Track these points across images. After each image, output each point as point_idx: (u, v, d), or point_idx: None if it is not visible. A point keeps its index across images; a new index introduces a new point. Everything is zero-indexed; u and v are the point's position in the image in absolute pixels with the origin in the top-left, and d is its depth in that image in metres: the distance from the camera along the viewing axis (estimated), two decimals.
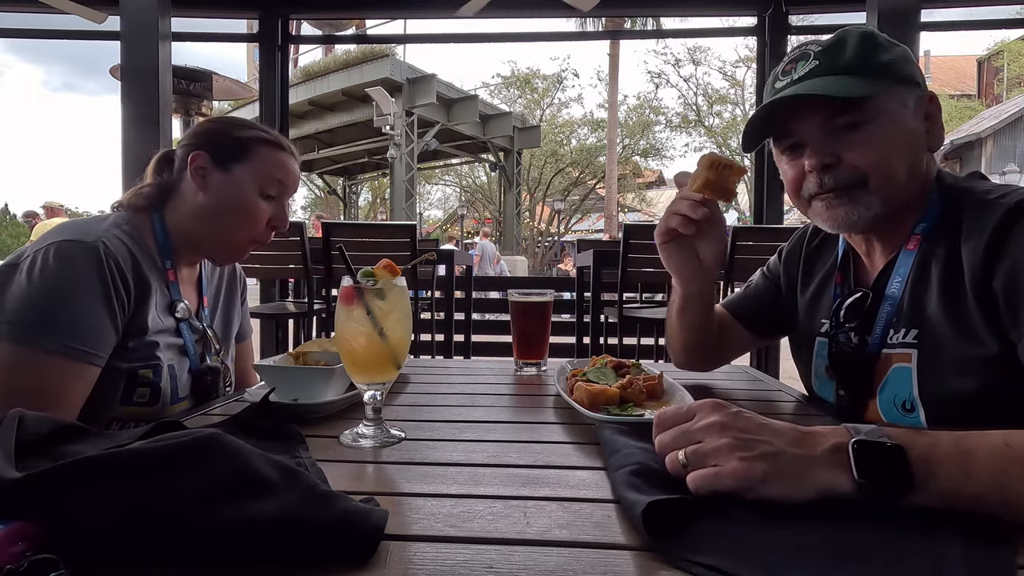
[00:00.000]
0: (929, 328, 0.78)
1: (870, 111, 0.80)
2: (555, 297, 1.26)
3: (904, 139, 0.82)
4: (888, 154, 0.81)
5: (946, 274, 0.77)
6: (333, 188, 22.19)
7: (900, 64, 0.82)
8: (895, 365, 0.81)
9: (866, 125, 0.80)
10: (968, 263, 0.74)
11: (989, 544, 0.44)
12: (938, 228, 0.81)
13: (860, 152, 0.81)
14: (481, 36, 5.09)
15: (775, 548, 0.44)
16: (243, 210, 1.06)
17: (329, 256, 2.78)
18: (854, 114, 0.80)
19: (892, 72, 0.81)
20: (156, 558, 0.41)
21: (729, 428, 0.54)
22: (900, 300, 0.82)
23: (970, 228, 0.75)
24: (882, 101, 0.80)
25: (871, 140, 0.80)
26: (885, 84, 0.80)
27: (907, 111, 0.82)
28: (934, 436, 0.53)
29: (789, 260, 1.08)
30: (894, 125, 0.81)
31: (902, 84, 0.82)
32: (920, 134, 0.83)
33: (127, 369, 0.96)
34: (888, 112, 0.80)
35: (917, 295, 0.80)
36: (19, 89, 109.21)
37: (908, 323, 0.80)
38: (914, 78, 0.83)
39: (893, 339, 0.82)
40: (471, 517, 0.51)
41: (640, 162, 25.15)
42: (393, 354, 0.73)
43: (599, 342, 3.14)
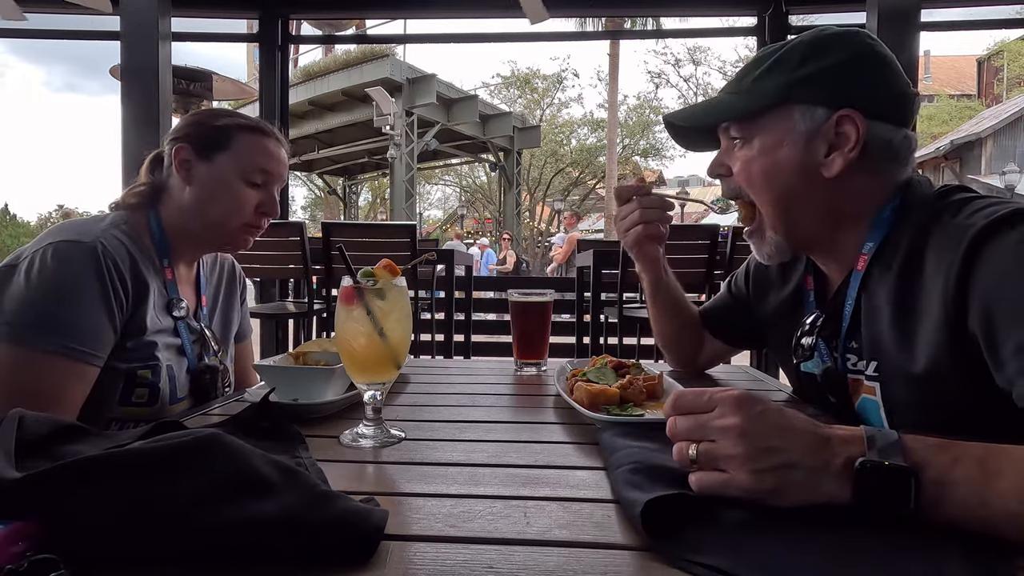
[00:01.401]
0: (888, 359, 0.74)
1: (750, 132, 0.81)
2: (555, 297, 1.26)
3: (778, 163, 0.78)
4: (759, 179, 0.81)
5: (903, 303, 0.71)
6: (333, 188, 22.18)
7: (811, 81, 0.76)
8: (862, 395, 0.79)
9: (746, 144, 0.82)
10: (937, 300, 0.67)
11: (989, 544, 0.44)
12: (889, 248, 0.75)
13: (737, 171, 0.83)
14: (481, 36, 5.09)
15: (775, 548, 0.44)
16: (228, 197, 1.05)
17: (329, 256, 2.78)
18: (738, 131, 0.82)
19: (789, 92, 0.76)
20: (156, 558, 0.41)
21: (747, 435, 0.50)
22: (855, 324, 0.79)
23: (936, 261, 0.68)
24: (763, 124, 0.79)
25: (745, 160, 0.82)
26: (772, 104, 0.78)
27: (794, 136, 0.77)
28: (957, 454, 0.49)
29: (758, 270, 1.05)
30: (770, 149, 0.79)
31: (799, 104, 0.76)
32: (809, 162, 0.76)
33: (126, 369, 0.96)
34: (766, 135, 0.79)
35: (872, 323, 0.76)
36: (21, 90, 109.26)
37: (869, 354, 0.77)
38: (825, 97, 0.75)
39: (856, 366, 0.80)
40: (471, 517, 0.51)
41: (640, 162, 25.15)
42: (393, 354, 0.73)
43: (599, 342, 3.14)
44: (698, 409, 0.54)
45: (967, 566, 0.41)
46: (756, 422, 0.51)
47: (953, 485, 0.47)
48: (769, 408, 0.52)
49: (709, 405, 0.53)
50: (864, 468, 0.47)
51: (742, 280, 1.10)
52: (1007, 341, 0.60)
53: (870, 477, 0.47)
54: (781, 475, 0.49)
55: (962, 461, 0.48)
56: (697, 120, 0.88)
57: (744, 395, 0.52)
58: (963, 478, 0.47)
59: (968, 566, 0.41)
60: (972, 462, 0.48)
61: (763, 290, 1.03)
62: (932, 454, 0.49)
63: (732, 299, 1.12)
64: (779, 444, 0.50)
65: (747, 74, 0.82)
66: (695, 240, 2.88)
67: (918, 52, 3.30)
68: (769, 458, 0.49)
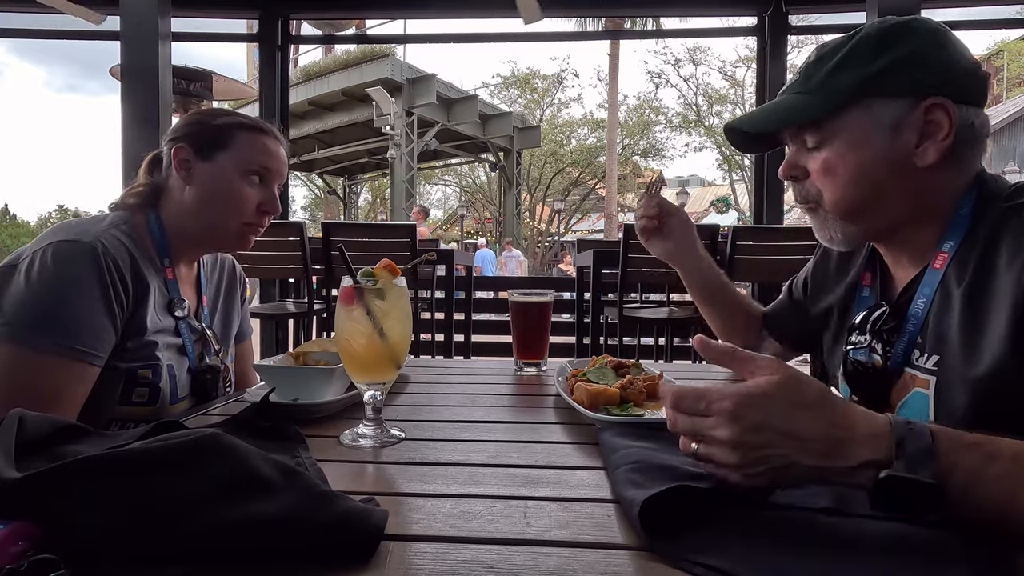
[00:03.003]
0: (949, 356, 0.74)
1: (828, 132, 0.78)
2: (555, 297, 1.26)
3: (869, 162, 0.76)
4: (845, 179, 0.78)
5: (972, 300, 0.72)
6: (333, 188, 22.18)
7: (891, 70, 0.74)
8: (915, 389, 0.78)
9: (826, 146, 0.79)
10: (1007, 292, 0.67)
11: (989, 544, 0.44)
12: (968, 247, 0.74)
13: (818, 173, 0.80)
14: (481, 36, 5.09)
15: (775, 548, 0.44)
16: (228, 196, 1.05)
17: (329, 256, 2.78)
18: (814, 135, 0.79)
19: (869, 85, 0.75)
20: (156, 558, 0.41)
21: (740, 447, 0.49)
22: (924, 321, 0.78)
23: (1009, 256, 0.68)
24: (844, 121, 0.77)
25: (828, 162, 0.79)
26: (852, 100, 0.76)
27: (881, 128, 0.75)
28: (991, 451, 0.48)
29: (816, 272, 1.05)
30: (856, 147, 0.77)
31: (881, 97, 0.75)
32: (900, 152, 0.75)
33: (126, 369, 0.96)
34: (851, 133, 0.77)
35: (941, 320, 0.75)
36: (22, 90, 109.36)
37: (931, 349, 0.76)
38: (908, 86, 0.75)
39: (917, 361, 0.78)
40: (471, 517, 0.51)
41: (640, 162, 25.14)
42: (393, 354, 0.73)
43: (599, 342, 3.15)
44: (696, 412, 0.53)
45: (967, 566, 0.41)
46: (751, 434, 0.49)
47: (983, 486, 0.46)
48: (771, 414, 0.49)
49: (706, 412, 0.52)
50: (886, 481, 0.46)
51: (800, 282, 1.10)
52: None
53: (892, 491, 0.46)
54: (776, 473, 0.49)
55: (995, 462, 0.47)
56: (769, 126, 0.84)
57: (741, 404, 0.50)
58: (994, 477, 0.47)
59: (968, 566, 0.41)
60: (1006, 462, 0.47)
61: (820, 289, 1.03)
62: (963, 455, 0.48)
63: (790, 300, 1.12)
64: (780, 451, 0.49)
65: (812, 73, 0.79)
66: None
67: None
68: (764, 464, 0.49)
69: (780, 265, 2.69)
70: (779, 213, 4.14)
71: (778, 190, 4.14)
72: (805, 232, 2.78)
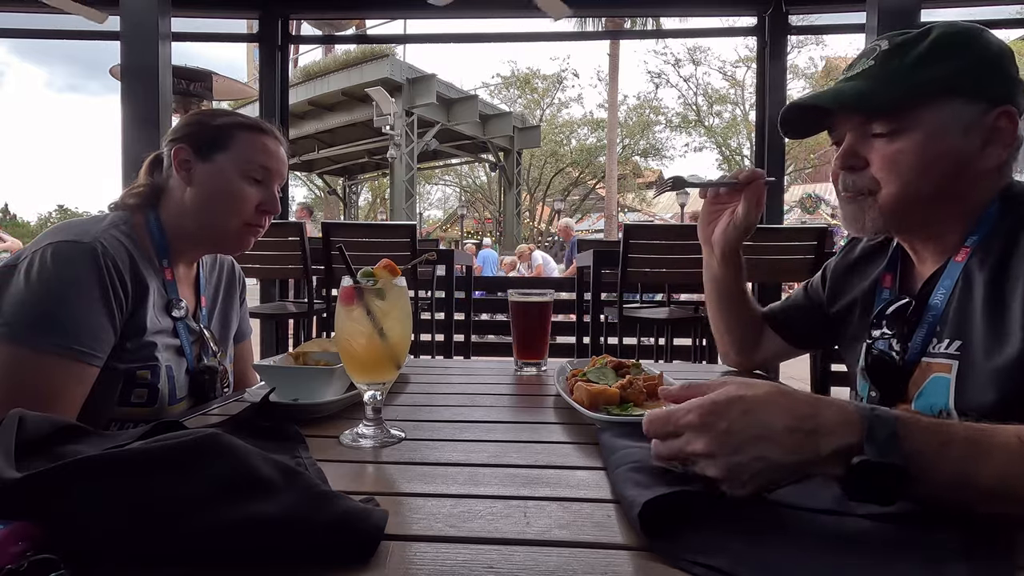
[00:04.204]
0: (971, 340, 0.75)
1: (905, 123, 0.77)
2: (555, 297, 1.26)
3: (938, 157, 0.77)
4: (912, 171, 0.78)
5: (994, 285, 0.74)
6: (333, 188, 22.19)
7: (968, 74, 0.76)
8: (934, 374, 0.79)
9: (898, 136, 0.78)
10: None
11: (989, 544, 0.44)
12: (991, 241, 0.77)
13: (881, 162, 0.79)
14: (481, 36, 5.09)
15: (775, 548, 0.44)
16: (229, 197, 1.05)
17: (329, 256, 2.78)
18: (888, 123, 0.78)
19: (951, 83, 0.76)
20: (156, 558, 0.41)
21: (718, 456, 0.50)
22: (944, 311, 0.80)
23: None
24: (922, 114, 0.77)
25: (897, 152, 0.78)
26: (934, 96, 0.77)
27: (955, 127, 0.77)
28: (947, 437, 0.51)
29: (835, 274, 1.06)
30: (932, 140, 0.77)
31: (960, 97, 0.77)
32: (968, 153, 0.77)
33: (125, 370, 0.96)
34: (929, 125, 0.77)
35: (962, 307, 0.77)
36: (23, 90, 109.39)
37: (952, 334, 0.78)
38: (983, 91, 0.77)
39: (935, 348, 0.80)
40: (471, 517, 0.51)
41: (640, 162, 25.15)
42: (393, 354, 0.73)
43: (599, 342, 3.14)
44: (668, 435, 0.54)
45: (967, 566, 0.41)
46: (723, 441, 0.50)
47: (939, 470, 0.49)
48: (734, 419, 0.50)
49: (676, 431, 0.53)
50: (860, 466, 0.48)
51: (819, 282, 1.11)
52: None
53: (864, 474, 0.48)
54: (764, 476, 0.50)
55: (951, 444, 0.50)
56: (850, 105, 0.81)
57: (706, 412, 0.51)
58: (949, 461, 0.50)
59: (968, 566, 0.41)
60: (961, 444, 0.51)
61: (840, 289, 1.04)
62: (925, 440, 0.50)
63: (807, 299, 1.13)
64: (755, 453, 0.49)
65: (891, 62, 0.79)
66: (696, 240, 2.88)
67: None
68: (747, 468, 0.50)
69: (780, 265, 2.69)
70: (779, 213, 4.14)
71: (778, 190, 4.15)
72: (805, 232, 2.78)
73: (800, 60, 19.62)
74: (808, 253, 2.63)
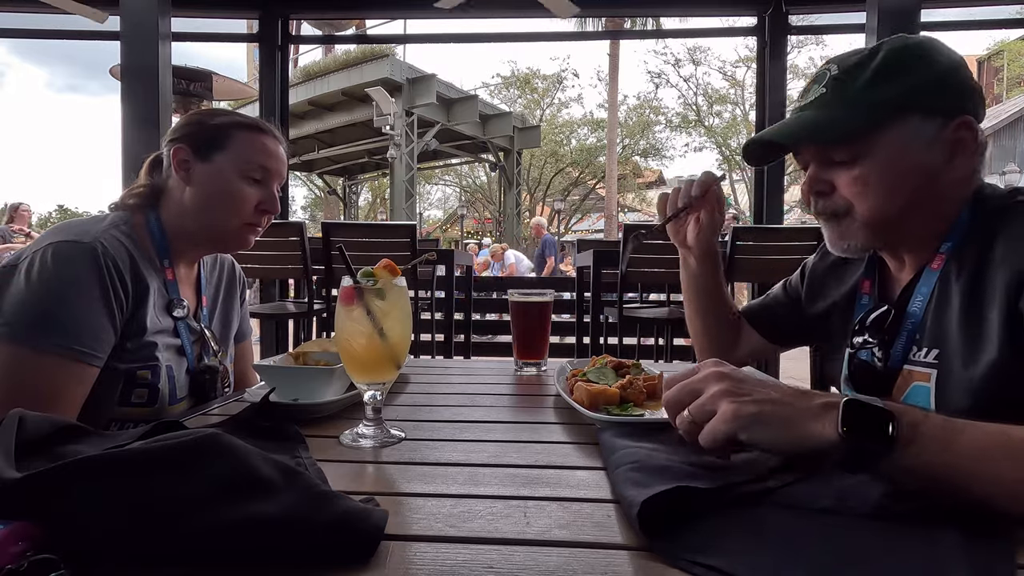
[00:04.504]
0: (949, 348, 0.76)
1: (864, 148, 0.78)
2: (555, 297, 1.26)
3: (906, 175, 0.78)
4: (880, 192, 0.78)
5: (970, 293, 0.74)
6: (333, 188, 22.18)
7: (921, 91, 0.77)
8: (915, 383, 0.80)
9: (860, 160, 0.78)
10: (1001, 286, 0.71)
11: (989, 544, 0.44)
12: (965, 247, 0.78)
13: (848, 185, 0.80)
14: (481, 36, 5.08)
15: (775, 548, 0.44)
16: (228, 196, 1.05)
17: (329, 256, 2.78)
18: (848, 151, 0.79)
19: (905, 102, 0.77)
20: (156, 558, 0.41)
21: (726, 377, 0.57)
22: (922, 319, 0.80)
23: (1007, 251, 0.72)
24: (880, 138, 0.77)
25: (862, 175, 0.78)
26: (890, 117, 0.77)
27: (918, 144, 0.77)
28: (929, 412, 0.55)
29: (813, 273, 1.07)
30: (894, 162, 0.77)
31: (916, 114, 0.77)
32: (934, 167, 0.77)
33: (125, 370, 0.96)
34: (889, 148, 0.77)
35: (939, 314, 0.78)
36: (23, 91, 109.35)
37: (930, 342, 0.79)
38: (941, 104, 0.77)
39: (915, 356, 0.80)
40: (471, 517, 0.51)
41: (640, 162, 25.14)
42: (393, 354, 0.73)
43: (599, 342, 3.14)
44: (684, 378, 0.61)
45: (967, 566, 0.41)
46: (733, 371, 0.59)
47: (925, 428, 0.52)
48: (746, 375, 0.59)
49: (692, 371, 0.61)
50: (849, 405, 0.53)
51: (797, 281, 1.12)
52: None
53: (854, 413, 0.52)
54: (759, 405, 0.54)
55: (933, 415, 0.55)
56: (809, 141, 0.83)
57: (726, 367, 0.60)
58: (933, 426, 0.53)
59: (968, 566, 0.41)
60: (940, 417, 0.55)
61: (818, 290, 1.04)
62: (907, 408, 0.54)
63: (786, 297, 1.13)
64: (758, 387, 0.57)
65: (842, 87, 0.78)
66: None
67: None
68: (748, 391, 0.56)
69: (780, 265, 2.69)
70: (779, 213, 4.14)
71: (777, 190, 4.15)
72: (805, 232, 2.78)
73: (800, 60, 19.56)
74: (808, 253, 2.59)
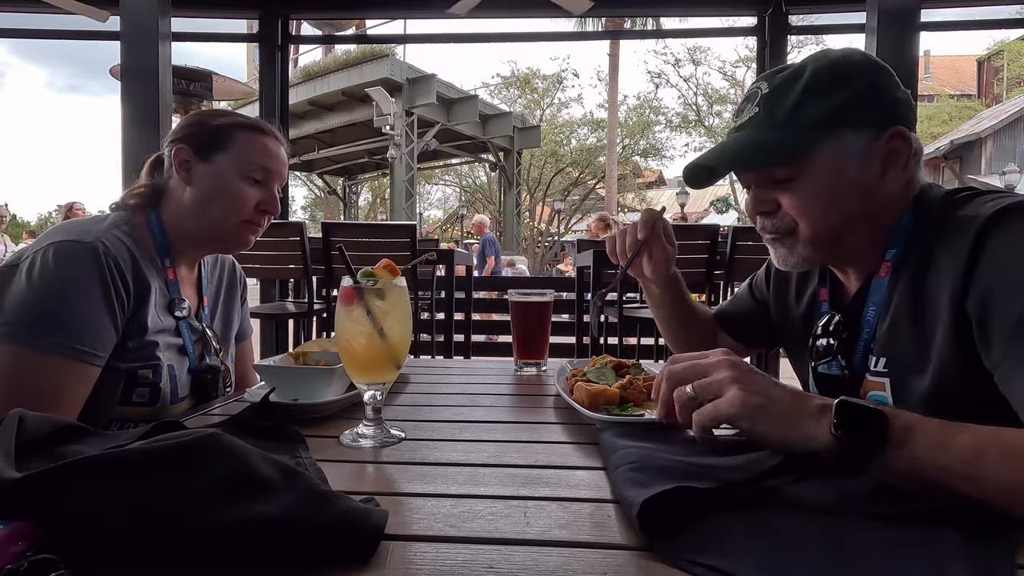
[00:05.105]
0: (898, 357, 0.77)
1: (801, 166, 0.78)
2: (555, 297, 1.26)
3: (840, 189, 0.78)
4: (819, 205, 0.79)
5: (916, 303, 0.75)
6: (333, 188, 22.18)
7: (850, 106, 0.77)
8: (871, 392, 0.80)
9: (799, 177, 0.79)
10: (945, 290, 0.70)
11: (989, 544, 0.44)
12: (909, 254, 0.78)
13: (790, 203, 0.80)
14: (481, 36, 5.08)
15: (775, 548, 0.44)
16: (228, 197, 1.05)
17: (329, 256, 2.78)
18: (785, 170, 0.79)
19: (835, 118, 0.77)
20: (156, 558, 0.41)
21: (737, 366, 0.60)
22: (875, 328, 0.81)
23: (944, 254, 0.72)
24: (815, 155, 0.77)
25: (802, 192, 0.79)
26: (822, 134, 0.77)
27: (851, 158, 0.77)
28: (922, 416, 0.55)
29: (778, 274, 1.06)
30: (830, 176, 0.78)
31: (847, 129, 0.77)
32: (870, 177, 0.78)
33: (126, 369, 0.96)
34: (824, 165, 0.77)
35: (890, 324, 0.79)
36: (24, 91, 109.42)
37: (879, 351, 0.79)
38: (870, 118, 0.77)
39: (871, 365, 0.81)
40: (471, 517, 0.51)
41: (640, 162, 25.15)
42: (393, 354, 0.73)
43: (599, 342, 3.14)
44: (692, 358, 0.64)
45: (967, 566, 0.41)
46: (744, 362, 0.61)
47: (917, 431, 0.53)
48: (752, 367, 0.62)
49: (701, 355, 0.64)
50: (842, 406, 0.54)
51: (763, 282, 1.11)
52: (999, 325, 0.64)
53: (846, 414, 0.53)
54: (765, 398, 0.57)
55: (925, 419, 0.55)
56: (748, 164, 0.83)
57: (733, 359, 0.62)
58: (926, 428, 0.53)
59: (968, 566, 0.41)
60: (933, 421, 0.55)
61: (782, 294, 1.04)
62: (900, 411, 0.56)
63: (753, 300, 1.14)
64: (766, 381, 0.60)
65: (773, 106, 0.79)
66: (695, 240, 2.88)
67: (918, 52, 3.29)
68: (756, 381, 0.59)
69: None
70: None
71: None
72: None
73: (800, 60, 19.61)
74: None
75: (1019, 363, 0.61)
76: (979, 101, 22.95)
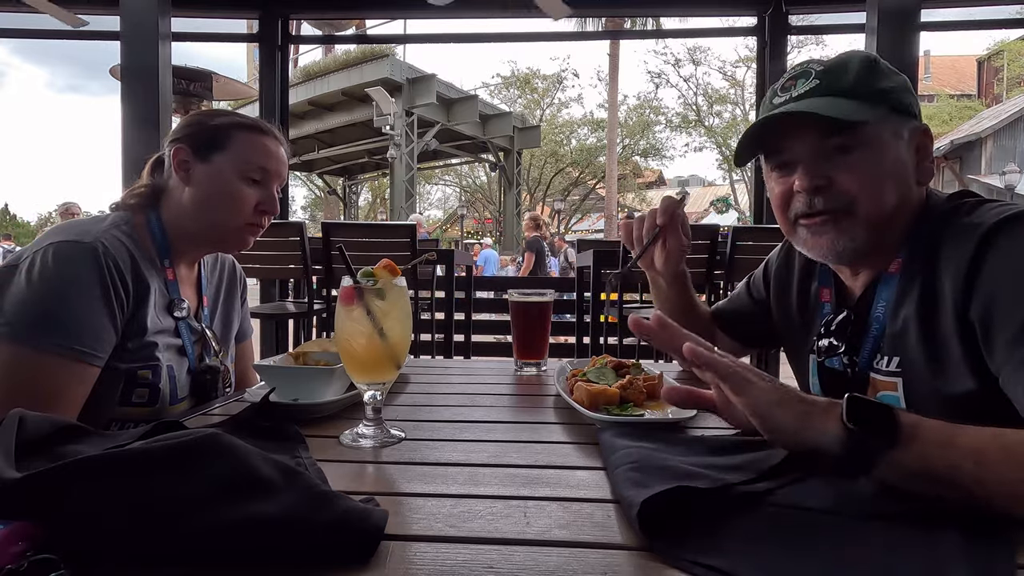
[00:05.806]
0: (910, 358, 0.77)
1: (864, 136, 0.78)
2: (555, 297, 1.26)
3: (894, 169, 0.80)
4: (878, 181, 0.79)
5: (925, 304, 0.75)
6: (333, 188, 22.19)
7: (899, 93, 0.80)
8: (881, 392, 0.80)
9: (859, 150, 0.78)
10: (949, 294, 0.72)
11: (989, 544, 0.44)
12: (919, 254, 0.79)
13: (851, 176, 0.79)
14: (481, 36, 5.09)
15: (775, 548, 0.44)
16: (227, 197, 1.05)
17: (329, 256, 2.78)
18: (848, 137, 0.78)
19: (890, 100, 0.79)
20: (156, 558, 0.41)
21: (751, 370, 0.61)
22: (885, 326, 0.81)
23: (948, 259, 0.73)
24: (877, 128, 0.78)
25: (863, 165, 0.79)
26: (882, 111, 0.78)
27: (901, 141, 0.80)
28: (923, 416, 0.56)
29: (778, 272, 1.06)
30: (886, 153, 0.79)
31: (898, 114, 0.80)
32: (910, 166, 0.81)
33: (126, 369, 0.96)
34: (882, 140, 0.79)
35: (901, 323, 0.79)
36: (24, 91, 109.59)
37: (891, 351, 0.79)
38: (911, 109, 0.81)
39: (879, 364, 0.81)
40: (471, 517, 0.51)
41: (640, 162, 25.16)
42: (393, 354, 0.73)
43: (599, 342, 3.14)
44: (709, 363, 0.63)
45: (967, 566, 0.41)
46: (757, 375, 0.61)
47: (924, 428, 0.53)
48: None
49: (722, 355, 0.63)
50: (853, 400, 0.54)
51: (761, 282, 1.11)
52: (1002, 330, 0.65)
53: (858, 407, 0.54)
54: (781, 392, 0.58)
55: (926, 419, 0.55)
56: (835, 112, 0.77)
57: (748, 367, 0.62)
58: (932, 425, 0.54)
59: (968, 566, 0.41)
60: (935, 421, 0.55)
61: (783, 294, 1.04)
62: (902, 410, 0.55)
63: (751, 299, 1.14)
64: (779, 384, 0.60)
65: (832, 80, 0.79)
66: (695, 240, 2.88)
67: (918, 52, 3.30)
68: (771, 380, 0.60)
69: None
70: None
71: None
72: None
73: (800, 60, 19.63)
74: None
75: (1022, 365, 0.62)
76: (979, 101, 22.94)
